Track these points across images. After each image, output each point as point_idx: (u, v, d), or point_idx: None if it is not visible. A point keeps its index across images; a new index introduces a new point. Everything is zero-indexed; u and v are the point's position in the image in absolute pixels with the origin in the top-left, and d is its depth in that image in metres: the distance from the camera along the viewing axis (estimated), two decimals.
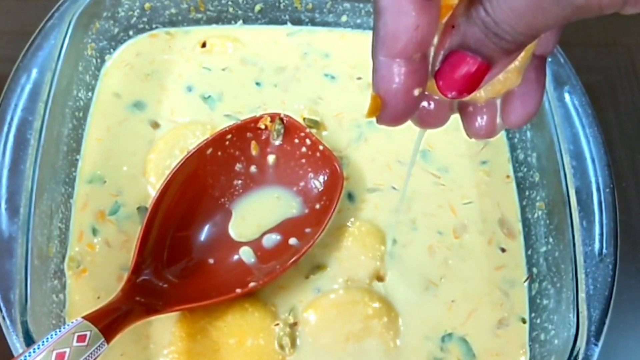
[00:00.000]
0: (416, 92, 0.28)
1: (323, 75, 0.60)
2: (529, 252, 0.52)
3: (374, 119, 0.30)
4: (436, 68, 0.28)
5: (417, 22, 0.27)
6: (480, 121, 0.32)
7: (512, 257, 0.52)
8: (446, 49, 0.28)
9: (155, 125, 0.57)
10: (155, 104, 0.58)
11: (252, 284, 0.47)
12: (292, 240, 0.50)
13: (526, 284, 0.51)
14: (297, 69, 0.61)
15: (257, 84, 0.60)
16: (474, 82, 0.28)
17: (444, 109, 0.32)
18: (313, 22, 0.64)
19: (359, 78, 0.60)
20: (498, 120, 0.32)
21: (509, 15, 0.25)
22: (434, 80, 0.28)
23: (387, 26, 0.27)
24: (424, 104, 0.32)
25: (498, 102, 0.32)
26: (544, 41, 0.30)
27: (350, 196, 0.54)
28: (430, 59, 0.29)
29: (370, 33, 0.29)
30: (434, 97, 0.32)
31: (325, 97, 0.59)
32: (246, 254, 0.50)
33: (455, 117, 0.34)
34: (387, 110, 0.29)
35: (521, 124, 0.32)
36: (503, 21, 0.25)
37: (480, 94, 0.30)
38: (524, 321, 0.49)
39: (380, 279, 0.50)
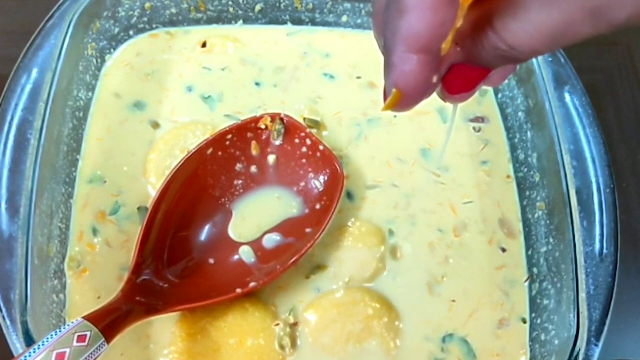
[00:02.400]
0: (435, 79, 0.28)
1: (322, 75, 0.60)
2: (529, 252, 0.52)
3: (375, 113, 0.30)
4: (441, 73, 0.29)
5: (444, 18, 0.26)
6: None
7: (512, 257, 0.52)
8: (450, 62, 0.29)
9: (156, 125, 0.57)
10: (155, 103, 0.58)
11: (252, 284, 0.47)
12: (292, 240, 0.50)
13: (526, 284, 0.51)
14: (296, 69, 0.61)
15: (257, 84, 0.59)
16: (475, 83, 0.29)
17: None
18: (313, 22, 0.63)
19: (359, 77, 0.60)
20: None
21: (525, 40, 0.25)
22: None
23: (412, 24, 0.26)
24: None
25: None
26: None
27: (349, 195, 0.53)
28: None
29: (370, 33, 0.29)
30: None
31: (325, 96, 0.59)
32: (246, 254, 0.50)
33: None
34: (405, 100, 0.29)
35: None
36: (519, 45, 0.26)
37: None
38: (524, 321, 0.49)
39: (380, 278, 0.50)
